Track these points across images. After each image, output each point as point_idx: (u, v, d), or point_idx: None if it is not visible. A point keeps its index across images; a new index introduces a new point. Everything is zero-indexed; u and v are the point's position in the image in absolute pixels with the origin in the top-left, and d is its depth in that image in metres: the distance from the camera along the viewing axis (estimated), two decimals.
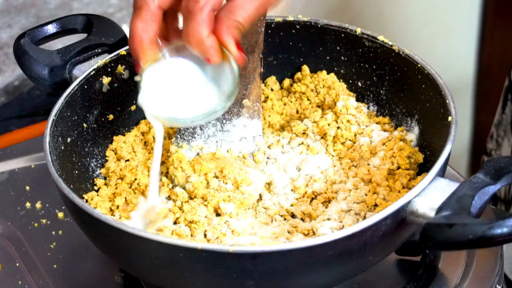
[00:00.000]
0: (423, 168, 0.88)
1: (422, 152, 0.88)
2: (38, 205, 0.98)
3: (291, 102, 0.99)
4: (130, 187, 0.90)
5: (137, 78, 0.82)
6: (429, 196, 0.72)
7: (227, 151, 0.93)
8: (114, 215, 0.86)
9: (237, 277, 0.71)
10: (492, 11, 1.97)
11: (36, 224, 0.96)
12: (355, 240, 0.70)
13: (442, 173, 0.78)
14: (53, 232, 0.94)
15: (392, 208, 0.71)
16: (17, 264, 0.91)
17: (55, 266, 0.91)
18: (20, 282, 0.89)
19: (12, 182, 1.02)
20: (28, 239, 0.94)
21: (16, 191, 1.01)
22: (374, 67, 0.95)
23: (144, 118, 0.98)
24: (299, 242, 0.69)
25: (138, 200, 0.87)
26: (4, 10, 1.34)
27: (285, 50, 1.00)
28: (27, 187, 1.01)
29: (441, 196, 0.72)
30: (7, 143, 1.10)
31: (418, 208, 0.72)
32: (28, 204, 0.98)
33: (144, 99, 0.82)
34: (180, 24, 0.80)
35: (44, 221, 0.96)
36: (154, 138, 0.96)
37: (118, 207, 0.87)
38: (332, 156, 0.92)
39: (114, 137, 0.95)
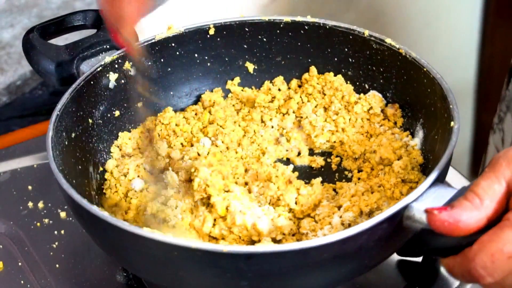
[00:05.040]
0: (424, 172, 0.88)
1: (425, 155, 0.88)
2: (40, 204, 0.98)
3: (297, 103, 0.99)
4: None
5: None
6: (427, 202, 0.72)
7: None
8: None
9: (231, 277, 0.71)
10: (493, 11, 1.96)
11: (38, 224, 0.96)
12: (350, 243, 0.70)
13: (442, 179, 0.77)
14: (55, 232, 0.94)
15: (388, 212, 0.71)
16: (20, 264, 0.91)
17: (57, 265, 0.91)
18: (22, 282, 0.89)
19: (14, 182, 1.02)
20: (30, 238, 0.94)
21: (18, 191, 1.01)
22: (381, 69, 0.95)
23: (150, 115, 0.98)
24: (293, 244, 0.69)
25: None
26: (7, 9, 1.35)
27: (293, 50, 1.00)
28: (29, 187, 1.01)
29: (438, 202, 0.71)
30: (9, 142, 1.10)
31: (415, 213, 0.72)
32: (30, 204, 0.98)
33: None
34: None
35: (46, 220, 0.96)
36: (159, 135, 0.96)
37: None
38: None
39: (120, 133, 0.95)
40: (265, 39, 1.00)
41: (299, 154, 0.97)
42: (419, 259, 0.89)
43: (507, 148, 0.71)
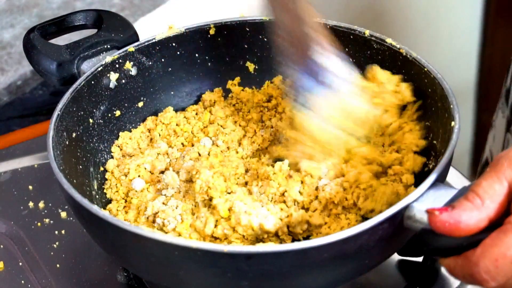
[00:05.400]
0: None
1: (425, 155, 0.88)
2: (41, 204, 0.98)
3: None
4: None
5: None
6: (427, 202, 0.72)
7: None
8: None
9: (232, 277, 0.71)
10: (494, 11, 1.96)
11: (39, 224, 0.96)
12: (351, 243, 0.70)
13: (442, 179, 0.77)
14: (56, 232, 0.95)
15: (389, 212, 0.71)
16: (20, 264, 0.92)
17: (58, 265, 0.91)
18: (23, 282, 0.89)
19: (15, 182, 1.02)
20: (31, 238, 0.94)
21: (19, 191, 1.01)
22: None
23: (151, 115, 0.98)
24: (294, 244, 0.69)
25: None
26: (7, 9, 1.35)
27: None
28: (30, 187, 1.01)
29: (439, 202, 0.71)
30: (10, 142, 1.10)
31: (415, 213, 0.72)
32: (31, 204, 0.99)
33: None
34: None
35: (47, 220, 0.96)
36: (159, 135, 0.96)
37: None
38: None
39: (120, 133, 0.96)
40: (265, 39, 1.00)
41: None
42: (420, 259, 0.89)
43: (508, 148, 0.71)
